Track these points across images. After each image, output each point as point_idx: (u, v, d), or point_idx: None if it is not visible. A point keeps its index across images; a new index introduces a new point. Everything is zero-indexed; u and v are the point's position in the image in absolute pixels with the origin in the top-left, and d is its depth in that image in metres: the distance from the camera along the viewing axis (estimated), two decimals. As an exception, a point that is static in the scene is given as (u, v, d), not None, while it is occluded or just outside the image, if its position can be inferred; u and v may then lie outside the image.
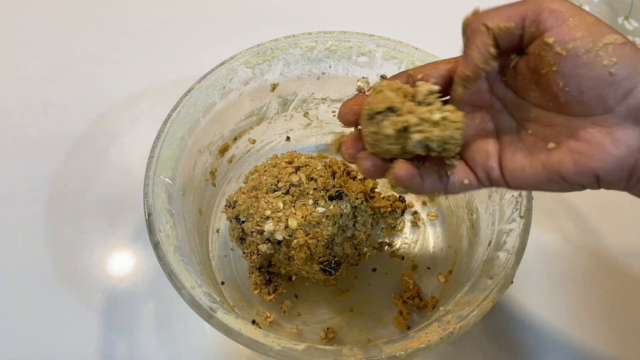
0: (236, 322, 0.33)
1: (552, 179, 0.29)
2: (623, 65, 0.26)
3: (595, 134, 0.27)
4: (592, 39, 0.26)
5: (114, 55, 0.67)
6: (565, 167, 0.28)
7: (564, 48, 0.26)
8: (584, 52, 0.26)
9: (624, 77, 0.26)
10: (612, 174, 0.27)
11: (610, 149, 0.27)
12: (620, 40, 0.26)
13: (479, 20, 0.28)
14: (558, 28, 0.26)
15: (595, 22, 0.27)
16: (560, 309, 0.48)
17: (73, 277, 0.49)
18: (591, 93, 0.26)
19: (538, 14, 0.27)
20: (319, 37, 0.46)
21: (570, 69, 0.26)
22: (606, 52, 0.26)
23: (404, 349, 0.32)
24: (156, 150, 0.40)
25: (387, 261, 0.49)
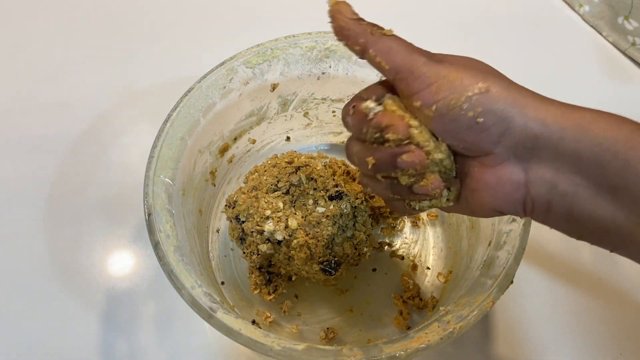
0: (236, 322, 0.33)
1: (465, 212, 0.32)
2: (489, 112, 0.27)
3: (483, 174, 0.29)
4: (454, 96, 0.27)
5: (114, 55, 0.67)
6: (470, 203, 0.31)
7: (430, 110, 0.28)
8: (449, 109, 0.27)
9: (492, 122, 0.27)
10: (506, 208, 0.29)
11: (496, 187, 0.28)
12: (484, 88, 0.27)
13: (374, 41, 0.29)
14: (423, 92, 0.28)
15: (459, 77, 0.27)
16: (560, 308, 0.48)
17: (73, 277, 0.49)
18: (468, 141, 0.28)
19: (409, 75, 0.28)
20: (319, 37, 0.46)
21: (441, 126, 0.28)
22: (470, 104, 0.27)
23: (404, 349, 0.32)
24: (156, 150, 0.40)
25: (387, 261, 0.49)
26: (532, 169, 0.28)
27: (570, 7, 0.73)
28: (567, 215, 0.28)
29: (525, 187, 0.28)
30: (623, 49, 0.68)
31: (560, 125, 0.27)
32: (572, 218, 0.28)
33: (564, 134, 0.27)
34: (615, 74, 0.66)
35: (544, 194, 0.28)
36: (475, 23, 0.71)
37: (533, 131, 0.27)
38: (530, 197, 0.28)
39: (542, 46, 0.69)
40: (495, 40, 0.69)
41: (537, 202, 0.28)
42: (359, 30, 0.30)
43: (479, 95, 0.27)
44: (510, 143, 0.27)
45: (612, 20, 0.68)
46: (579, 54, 0.68)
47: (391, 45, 0.29)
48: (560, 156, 0.27)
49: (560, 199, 0.27)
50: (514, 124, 0.27)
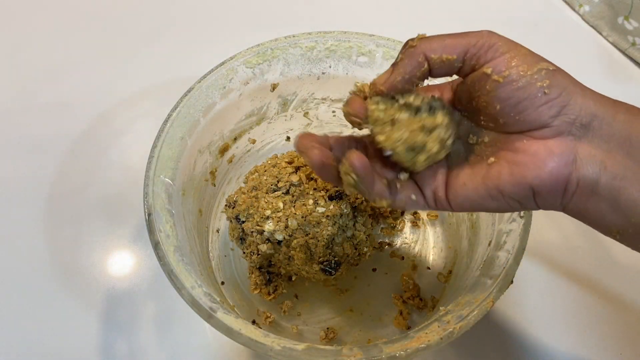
0: (236, 322, 0.33)
1: (490, 193, 0.30)
2: (555, 86, 0.28)
3: (531, 145, 0.29)
4: (526, 66, 0.28)
5: (114, 55, 0.67)
6: (502, 178, 0.29)
7: (501, 75, 0.28)
8: (519, 77, 0.28)
9: (556, 95, 0.28)
10: (547, 185, 0.28)
11: (545, 158, 0.28)
12: (552, 67, 0.29)
13: (422, 46, 0.30)
14: (496, 60, 0.29)
15: (529, 53, 0.29)
16: (560, 308, 0.48)
17: (73, 277, 0.49)
18: (528, 111, 0.28)
19: (479, 48, 0.29)
20: (319, 37, 0.46)
21: (507, 93, 0.28)
22: (540, 76, 0.28)
23: (404, 349, 0.32)
24: (156, 150, 0.40)
25: (387, 261, 0.49)
26: (584, 147, 0.28)
27: (570, 7, 0.73)
28: (613, 200, 0.28)
29: (574, 164, 0.28)
30: (623, 49, 0.68)
31: (614, 109, 0.28)
32: (618, 204, 0.28)
33: (617, 117, 0.28)
34: (615, 74, 0.66)
35: (592, 173, 0.28)
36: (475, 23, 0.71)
37: (590, 109, 0.28)
38: (577, 174, 0.28)
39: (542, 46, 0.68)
40: (495, 40, 0.69)
41: (584, 181, 0.28)
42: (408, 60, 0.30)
43: (548, 71, 0.28)
44: (568, 118, 0.28)
45: (612, 20, 0.68)
46: (579, 54, 0.68)
47: (441, 38, 0.30)
48: (612, 137, 0.28)
49: (609, 180, 0.27)
50: (574, 100, 0.28)
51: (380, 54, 0.46)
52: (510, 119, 0.29)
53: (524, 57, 0.29)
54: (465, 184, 0.31)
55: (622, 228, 0.28)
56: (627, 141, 0.27)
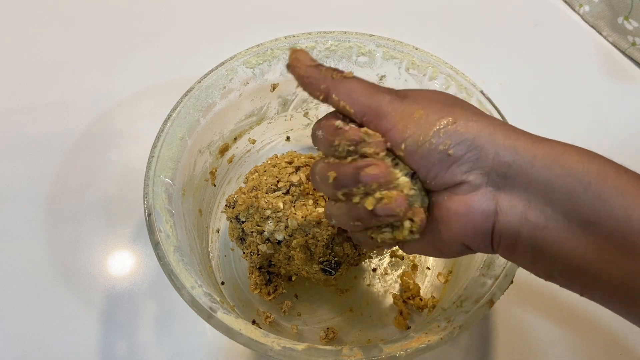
0: (236, 322, 0.33)
1: (430, 251, 0.31)
2: (459, 143, 0.27)
3: (452, 203, 0.28)
4: (421, 132, 0.27)
5: (114, 55, 0.67)
6: (436, 238, 0.30)
7: (399, 149, 0.28)
8: (417, 146, 0.27)
9: (463, 152, 0.27)
10: (473, 239, 0.28)
11: (466, 216, 0.28)
12: (451, 121, 0.27)
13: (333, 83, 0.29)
14: (391, 131, 0.28)
15: (424, 114, 0.28)
16: (560, 309, 0.48)
17: (73, 277, 0.49)
18: (440, 174, 0.28)
19: (375, 115, 0.28)
20: (319, 37, 0.46)
21: (413, 163, 0.28)
22: (438, 138, 0.27)
23: (404, 349, 0.32)
24: (156, 150, 0.40)
25: (387, 261, 0.49)
26: (504, 197, 0.27)
27: (570, 7, 0.73)
28: (536, 250, 0.27)
29: (494, 216, 0.27)
30: (623, 49, 0.68)
31: (532, 153, 0.26)
32: (542, 253, 0.26)
33: (535, 162, 0.26)
34: (615, 74, 0.66)
35: (513, 223, 0.27)
36: (475, 23, 0.71)
37: (505, 158, 0.27)
38: (499, 227, 0.27)
39: (542, 46, 0.69)
40: (495, 40, 0.70)
41: (506, 233, 0.27)
42: (319, 77, 0.30)
43: (446, 128, 0.27)
44: (483, 171, 0.27)
45: (612, 20, 0.68)
46: (579, 54, 0.68)
47: (353, 87, 0.29)
48: (531, 185, 0.26)
49: (531, 231, 0.26)
50: (485, 152, 0.27)
51: (380, 54, 0.46)
52: (427, 184, 0.29)
53: (418, 122, 0.27)
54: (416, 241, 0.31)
55: (550, 274, 0.27)
56: (547, 187, 0.26)
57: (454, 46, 0.67)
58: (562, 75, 0.66)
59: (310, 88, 0.30)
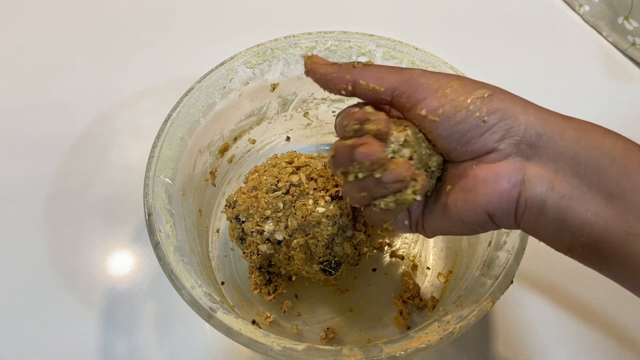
0: (236, 322, 0.33)
1: (454, 223, 0.31)
2: (494, 112, 0.28)
3: (480, 171, 0.29)
4: (460, 99, 0.28)
5: (114, 55, 0.67)
6: (459, 207, 0.30)
7: (436, 114, 0.28)
8: (455, 111, 0.28)
9: (497, 120, 0.28)
10: (499, 208, 0.29)
11: (494, 182, 0.28)
12: (488, 92, 0.28)
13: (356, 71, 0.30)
14: (427, 99, 0.29)
15: (462, 84, 0.29)
16: (560, 308, 0.48)
17: (73, 277, 0.49)
18: (472, 142, 0.28)
19: (408, 87, 0.29)
20: (319, 37, 0.46)
21: (447, 129, 0.29)
22: (475, 105, 0.28)
23: (404, 349, 0.32)
24: (156, 150, 0.40)
25: (387, 261, 0.49)
26: (531, 167, 0.28)
27: (570, 7, 0.73)
28: (561, 221, 0.27)
29: (521, 185, 0.28)
30: (623, 49, 0.68)
31: (561, 126, 0.28)
32: (566, 224, 0.27)
33: (565, 135, 0.27)
34: (615, 74, 0.66)
35: (540, 193, 0.28)
36: (475, 23, 0.71)
37: (536, 129, 0.28)
38: (526, 196, 0.28)
39: (542, 46, 0.69)
40: (495, 40, 0.70)
41: (531, 202, 0.28)
42: (342, 70, 0.31)
43: (483, 98, 0.28)
44: (514, 140, 0.28)
45: (612, 20, 0.68)
46: (579, 54, 0.68)
47: (379, 70, 0.30)
48: (559, 156, 0.27)
49: (557, 200, 0.27)
50: (517, 122, 0.28)
51: (380, 54, 0.46)
52: (457, 152, 0.29)
53: (456, 90, 0.28)
54: (432, 213, 0.32)
55: (572, 246, 0.28)
56: (574, 159, 0.27)
57: (453, 46, 0.67)
58: (562, 75, 0.66)
59: (336, 82, 0.31)
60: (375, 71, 0.30)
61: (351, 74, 0.30)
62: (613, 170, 0.26)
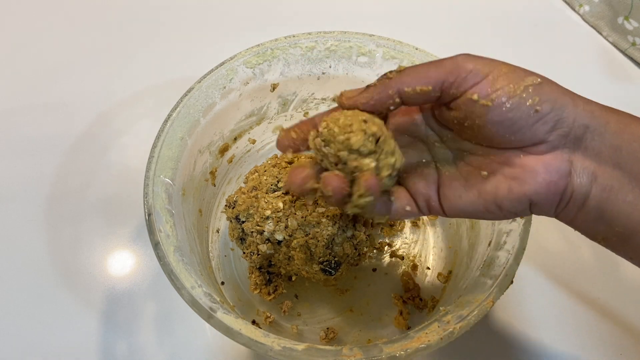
0: (236, 322, 0.33)
1: (488, 208, 0.31)
2: (545, 101, 0.28)
3: (528, 161, 0.29)
4: (512, 86, 0.28)
5: (113, 55, 0.67)
6: (500, 194, 0.30)
7: (489, 99, 0.28)
8: (508, 98, 0.28)
9: (548, 111, 0.28)
10: (544, 198, 0.29)
11: (543, 173, 0.28)
12: (538, 80, 0.28)
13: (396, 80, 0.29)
14: (479, 84, 0.28)
15: (511, 69, 0.29)
16: (560, 309, 0.48)
17: (73, 277, 0.49)
18: (522, 131, 0.28)
19: (457, 76, 0.28)
20: (319, 37, 0.46)
21: (499, 115, 0.28)
22: (528, 93, 0.28)
23: (404, 349, 0.32)
24: (156, 150, 0.40)
25: (387, 261, 0.49)
26: (578, 159, 0.28)
27: (570, 7, 0.73)
28: (601, 211, 0.28)
29: (568, 177, 0.28)
30: (623, 49, 0.68)
31: (606, 119, 0.28)
32: (604, 215, 0.28)
33: (608, 127, 0.28)
34: (615, 74, 0.66)
35: (585, 184, 0.28)
36: (475, 23, 0.71)
37: (583, 121, 0.28)
38: (572, 187, 0.28)
39: (541, 46, 0.69)
40: (495, 40, 0.69)
41: (577, 192, 0.28)
42: (379, 88, 0.30)
43: (534, 85, 0.28)
44: (563, 131, 0.28)
45: (612, 20, 0.68)
46: (579, 54, 0.68)
47: (417, 70, 0.29)
48: (603, 148, 0.28)
49: (599, 192, 0.28)
50: (567, 113, 0.28)
51: (380, 54, 0.46)
52: (505, 139, 0.29)
53: (508, 76, 0.28)
54: (461, 196, 0.31)
55: (607, 235, 0.29)
56: (617, 151, 0.28)
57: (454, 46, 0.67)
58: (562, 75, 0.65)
59: (382, 103, 0.30)
60: (414, 73, 0.29)
61: (391, 87, 0.29)
62: None
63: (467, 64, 0.29)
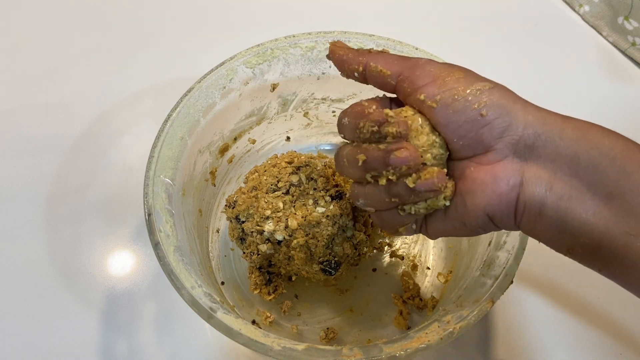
0: (236, 322, 0.33)
1: (454, 225, 0.31)
2: (493, 106, 0.27)
3: (478, 173, 0.29)
4: (460, 88, 0.28)
5: (114, 55, 0.67)
6: (459, 210, 0.30)
7: (434, 100, 0.28)
8: (453, 100, 0.28)
9: (496, 116, 0.27)
10: (497, 209, 0.28)
11: (492, 184, 0.28)
12: (488, 86, 0.28)
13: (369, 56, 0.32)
14: (428, 85, 0.29)
15: (465, 75, 0.29)
16: (560, 309, 0.48)
17: (73, 277, 0.49)
18: (469, 136, 0.28)
19: (413, 72, 0.29)
20: (319, 37, 0.46)
21: (444, 117, 0.28)
22: (475, 97, 0.28)
23: (404, 349, 0.32)
24: (156, 150, 0.40)
25: (387, 261, 0.49)
26: (530, 168, 0.28)
27: (570, 7, 0.73)
28: (560, 222, 0.27)
29: (519, 187, 0.28)
30: (623, 49, 0.68)
31: (560, 126, 0.27)
32: (565, 225, 0.27)
33: (564, 135, 0.27)
34: (615, 74, 0.66)
35: (538, 194, 0.27)
36: (475, 23, 0.71)
37: (534, 128, 0.27)
38: (524, 197, 0.28)
39: (542, 46, 0.69)
40: (495, 40, 0.70)
41: (530, 203, 0.28)
42: (357, 54, 0.32)
43: (483, 90, 0.28)
44: (511, 139, 0.28)
45: (612, 20, 0.68)
46: (579, 54, 0.68)
47: (389, 56, 0.32)
48: (558, 156, 0.27)
49: (555, 201, 0.27)
50: (516, 120, 0.27)
51: (380, 54, 0.46)
52: (454, 145, 0.29)
53: (458, 80, 0.28)
54: (437, 221, 0.31)
55: (571, 247, 0.28)
56: (574, 159, 0.27)
57: (453, 46, 0.67)
58: (562, 75, 0.66)
59: (350, 63, 0.32)
60: (387, 57, 0.31)
61: (364, 56, 0.31)
62: (612, 170, 0.26)
63: (426, 65, 0.30)
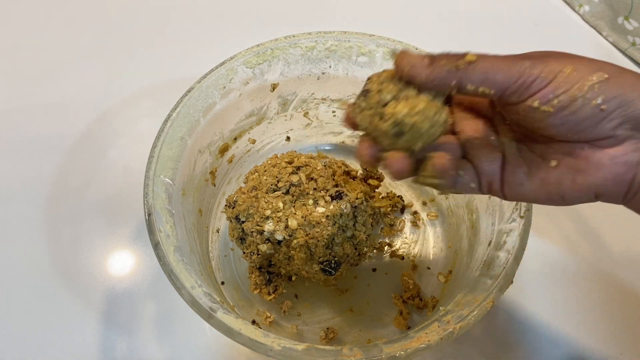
0: (236, 322, 0.33)
1: (550, 197, 0.30)
2: (611, 99, 0.27)
3: (594, 153, 0.28)
4: (576, 87, 0.27)
5: (113, 55, 0.67)
6: (564, 185, 0.29)
7: (550, 105, 0.27)
8: (570, 101, 0.27)
9: (614, 107, 0.27)
10: (611, 190, 0.28)
11: (610, 165, 0.28)
12: (604, 76, 0.27)
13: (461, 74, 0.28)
14: (543, 90, 0.27)
15: (575, 69, 0.27)
16: (560, 309, 0.48)
17: (73, 277, 0.49)
18: (588, 130, 0.28)
19: (520, 85, 0.28)
20: (319, 37, 0.46)
21: (561, 119, 0.28)
22: (593, 93, 0.27)
23: (404, 349, 0.32)
24: (156, 150, 0.40)
25: (387, 261, 0.49)
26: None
27: (570, 7, 0.73)
28: None
29: (637, 167, 0.28)
30: (623, 49, 0.68)
31: None
32: None
33: None
34: (615, 74, 0.66)
35: None
36: (475, 23, 0.71)
37: None
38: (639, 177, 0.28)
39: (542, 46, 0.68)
40: (495, 40, 0.69)
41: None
42: (444, 74, 0.28)
43: (600, 83, 0.27)
44: (630, 125, 0.27)
45: (612, 20, 0.68)
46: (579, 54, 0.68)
47: (486, 69, 0.28)
48: None
49: None
50: (634, 106, 0.27)
51: (380, 54, 0.46)
52: (569, 138, 0.28)
53: (571, 77, 0.27)
54: (523, 184, 0.31)
55: None
56: None
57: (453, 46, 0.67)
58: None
59: (436, 89, 0.29)
60: (483, 70, 0.28)
61: (455, 78, 0.28)
62: None
63: (532, 70, 0.28)
